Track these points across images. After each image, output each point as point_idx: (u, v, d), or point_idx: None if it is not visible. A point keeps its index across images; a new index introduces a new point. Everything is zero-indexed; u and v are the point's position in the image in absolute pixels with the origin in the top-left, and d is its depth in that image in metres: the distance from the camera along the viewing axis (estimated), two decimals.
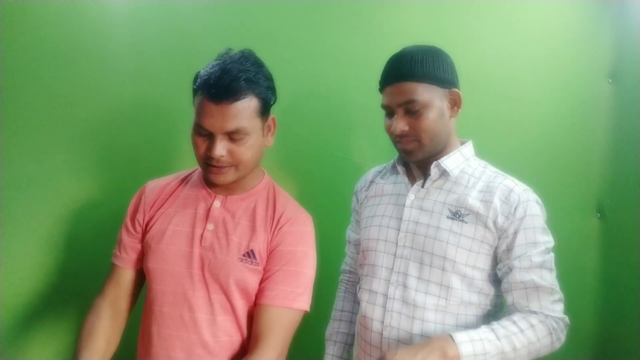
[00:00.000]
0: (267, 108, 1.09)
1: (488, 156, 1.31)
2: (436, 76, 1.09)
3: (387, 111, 1.14)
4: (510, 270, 1.06)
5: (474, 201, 1.10)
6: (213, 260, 1.06)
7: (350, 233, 1.37)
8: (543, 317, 1.02)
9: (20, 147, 1.37)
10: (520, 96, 1.63)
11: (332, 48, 1.57)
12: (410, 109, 1.08)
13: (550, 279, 1.06)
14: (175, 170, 1.24)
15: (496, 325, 1.01)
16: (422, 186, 1.17)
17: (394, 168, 1.27)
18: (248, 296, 1.07)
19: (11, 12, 1.37)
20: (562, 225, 1.64)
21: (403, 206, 1.17)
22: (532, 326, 1.01)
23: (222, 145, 1.01)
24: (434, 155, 1.15)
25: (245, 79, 0.99)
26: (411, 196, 1.17)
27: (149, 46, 1.47)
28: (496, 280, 1.12)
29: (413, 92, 1.07)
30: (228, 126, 0.99)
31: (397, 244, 1.15)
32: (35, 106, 1.39)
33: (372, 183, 1.30)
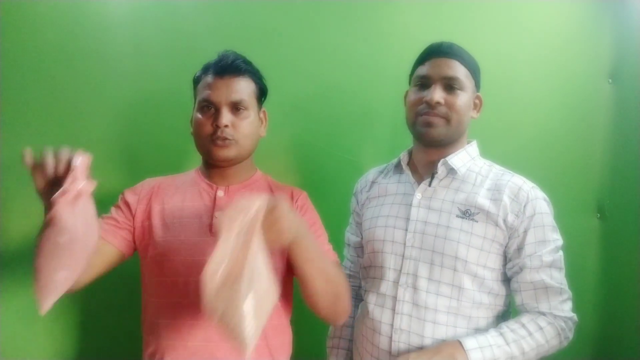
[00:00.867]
0: (262, 96, 1.18)
1: (488, 156, 1.31)
2: (475, 72, 1.16)
3: (423, 82, 1.14)
4: (521, 270, 1.07)
5: (484, 200, 1.09)
6: None
7: (349, 235, 1.34)
8: (552, 318, 1.04)
9: (20, 147, 1.37)
10: (520, 96, 1.63)
11: (332, 48, 1.57)
12: (451, 85, 1.11)
13: (559, 278, 1.07)
14: (175, 170, 1.24)
15: (505, 328, 1.02)
16: (429, 185, 1.15)
17: (397, 167, 1.25)
18: None
19: (11, 12, 1.38)
20: (562, 225, 1.64)
21: (410, 206, 1.15)
22: (541, 328, 1.02)
23: (227, 116, 1.08)
24: (449, 143, 1.15)
25: (244, 61, 1.13)
26: (418, 195, 1.15)
27: (149, 46, 1.47)
28: (506, 279, 1.12)
29: (459, 71, 1.12)
30: (233, 97, 1.09)
31: (405, 245, 1.12)
32: (35, 106, 1.39)
33: (374, 183, 1.28)
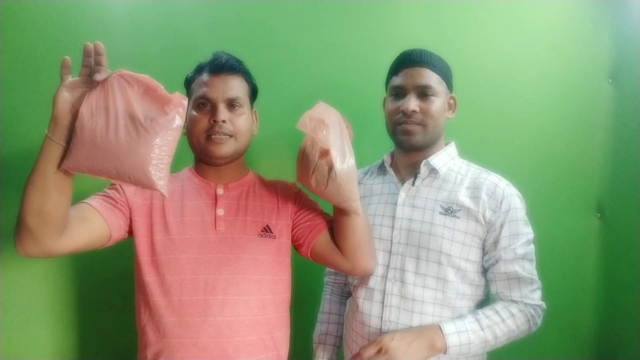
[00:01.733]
0: (254, 96, 1.21)
1: (488, 156, 1.31)
2: (447, 76, 1.21)
3: (398, 92, 1.20)
4: (496, 261, 1.15)
5: (464, 197, 1.16)
6: (231, 242, 1.09)
7: None
8: (523, 306, 1.13)
9: (20, 147, 1.37)
10: (520, 96, 1.63)
11: (332, 47, 1.58)
12: (424, 93, 1.16)
13: (530, 269, 1.15)
14: (174, 168, 1.24)
15: (481, 315, 1.12)
16: (413, 184, 1.22)
17: (381, 168, 1.32)
18: (270, 271, 1.11)
19: (11, 12, 1.38)
20: (562, 225, 1.65)
21: (395, 204, 1.21)
22: (513, 315, 1.11)
23: (224, 112, 1.10)
24: (427, 147, 1.20)
25: (237, 61, 1.16)
26: (402, 194, 1.22)
27: (149, 45, 1.47)
28: (485, 271, 1.19)
29: (430, 79, 1.17)
30: (229, 93, 1.11)
31: (392, 241, 1.19)
32: (35, 106, 1.39)
33: (359, 184, 1.30)
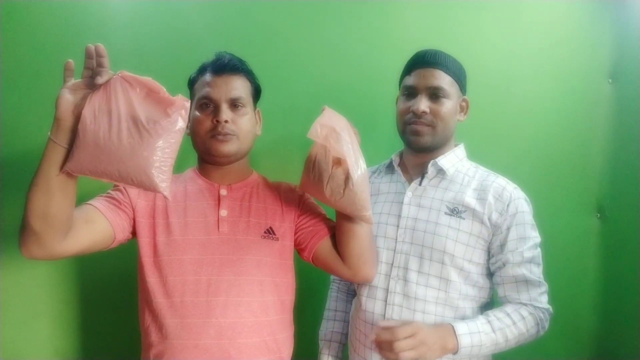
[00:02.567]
0: (257, 95, 1.20)
1: (488, 156, 1.31)
2: (460, 78, 1.21)
3: (410, 92, 1.20)
4: (503, 265, 1.14)
5: (470, 199, 1.16)
6: (234, 243, 1.09)
7: None
8: (532, 309, 1.12)
9: (20, 148, 1.37)
10: (520, 96, 1.63)
11: (332, 48, 1.58)
12: (435, 94, 1.16)
13: (538, 273, 1.15)
14: (176, 168, 1.24)
15: (492, 317, 1.11)
16: (420, 184, 1.22)
17: (389, 168, 1.32)
18: (273, 273, 1.11)
19: (11, 12, 1.38)
20: (562, 225, 1.65)
21: (401, 204, 1.22)
22: (523, 318, 1.11)
23: (227, 112, 1.10)
24: (436, 148, 1.20)
25: (240, 61, 1.16)
26: (409, 194, 1.22)
27: (151, 46, 1.47)
28: (489, 274, 1.18)
29: (442, 80, 1.17)
30: (232, 93, 1.11)
31: (397, 240, 1.19)
32: (35, 106, 1.39)
33: None
